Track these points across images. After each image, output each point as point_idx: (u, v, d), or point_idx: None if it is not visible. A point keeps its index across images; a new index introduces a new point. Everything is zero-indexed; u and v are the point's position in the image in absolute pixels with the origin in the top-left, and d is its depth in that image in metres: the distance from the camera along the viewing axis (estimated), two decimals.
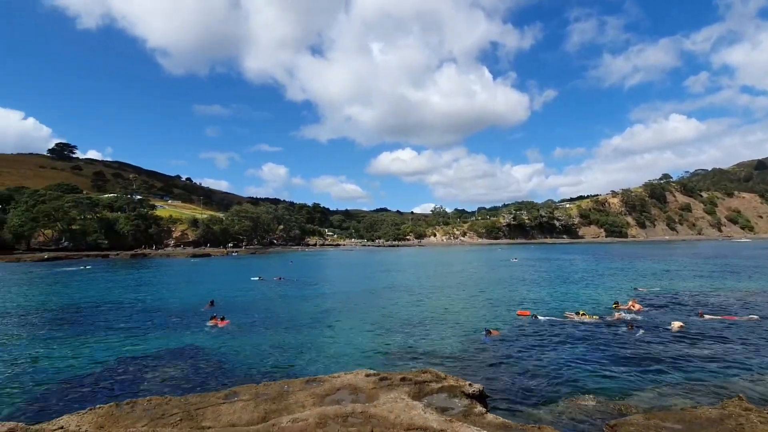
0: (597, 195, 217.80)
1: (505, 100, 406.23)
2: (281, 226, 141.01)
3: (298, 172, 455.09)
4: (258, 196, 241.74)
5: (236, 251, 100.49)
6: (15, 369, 13.03)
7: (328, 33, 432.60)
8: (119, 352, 14.92)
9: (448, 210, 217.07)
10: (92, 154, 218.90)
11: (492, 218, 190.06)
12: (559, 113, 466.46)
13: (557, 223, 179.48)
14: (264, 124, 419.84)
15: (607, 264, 53.82)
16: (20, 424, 5.83)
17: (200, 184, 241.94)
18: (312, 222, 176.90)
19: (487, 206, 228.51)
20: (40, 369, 13.06)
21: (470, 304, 24.57)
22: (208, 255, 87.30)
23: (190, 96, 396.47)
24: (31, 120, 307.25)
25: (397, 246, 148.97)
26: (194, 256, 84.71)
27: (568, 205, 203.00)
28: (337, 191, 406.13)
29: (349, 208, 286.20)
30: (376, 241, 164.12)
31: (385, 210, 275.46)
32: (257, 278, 39.31)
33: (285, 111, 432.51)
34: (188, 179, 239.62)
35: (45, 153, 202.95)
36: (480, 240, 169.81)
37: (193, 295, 28.73)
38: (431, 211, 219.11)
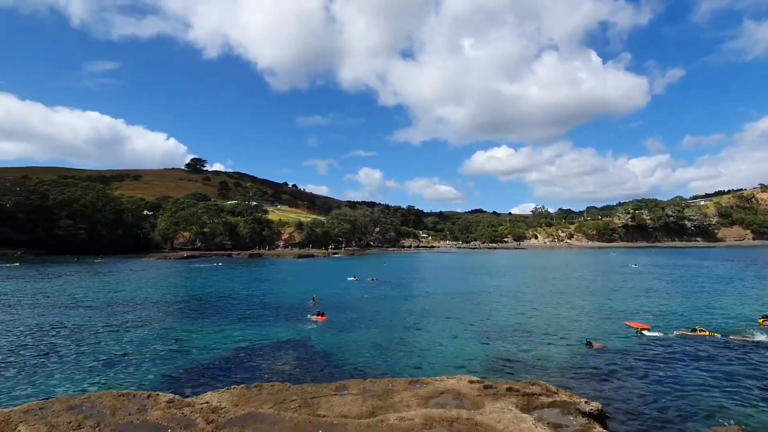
0: (741, 190, 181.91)
1: (617, 86, 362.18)
2: (377, 229, 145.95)
3: (392, 175, 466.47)
4: (355, 200, 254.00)
5: (337, 252, 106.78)
6: (164, 348, 15.57)
7: (419, 35, 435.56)
8: (243, 339, 16.89)
9: (551, 210, 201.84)
10: (217, 167, 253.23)
11: (604, 218, 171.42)
12: (688, 95, 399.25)
13: (689, 224, 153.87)
14: (359, 131, 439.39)
15: (756, 271, 44.71)
16: (176, 396, 6.95)
17: (304, 189, 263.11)
18: (406, 224, 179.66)
19: (598, 205, 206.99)
20: (183, 350, 15.39)
21: (576, 313, 22.54)
22: (312, 255, 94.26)
23: (293, 109, 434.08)
24: (172, 140, 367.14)
25: (494, 248, 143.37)
26: (300, 256, 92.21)
27: (702, 203, 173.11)
28: (431, 193, 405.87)
29: (443, 210, 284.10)
30: (472, 243, 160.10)
31: (480, 211, 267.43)
32: (352, 278, 41.22)
33: (378, 116, 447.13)
34: (294, 186, 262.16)
35: (183, 167, 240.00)
36: (590, 243, 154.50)
37: (299, 292, 31.26)
38: (531, 211, 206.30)
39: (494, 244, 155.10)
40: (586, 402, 7.48)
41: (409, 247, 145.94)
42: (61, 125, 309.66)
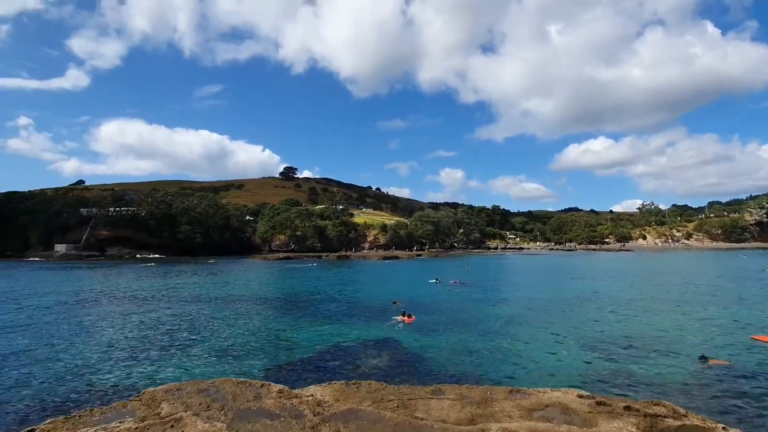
0: None
1: (741, 60, 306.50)
2: (461, 230, 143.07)
3: (474, 175, 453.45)
4: (437, 201, 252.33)
5: (420, 254, 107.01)
6: (266, 341, 16.95)
7: (499, 27, 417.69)
8: (334, 337, 17.70)
9: (662, 207, 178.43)
10: (306, 174, 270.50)
11: (732, 215, 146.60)
12: None
13: None
14: (439, 131, 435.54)
15: None
16: (285, 387, 7.48)
17: (387, 192, 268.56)
18: (492, 225, 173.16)
19: (722, 199, 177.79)
20: (283, 343, 16.59)
21: (697, 325, 19.51)
22: (396, 257, 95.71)
23: (374, 114, 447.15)
24: (267, 151, 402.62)
25: (594, 250, 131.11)
26: (384, 258, 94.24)
27: None
28: (517, 192, 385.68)
29: (531, 209, 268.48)
30: (566, 244, 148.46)
31: (575, 209, 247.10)
32: (434, 280, 40.80)
33: (458, 115, 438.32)
34: (377, 189, 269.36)
35: (277, 176, 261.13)
36: (714, 243, 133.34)
37: (384, 293, 31.87)
38: (638, 208, 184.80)
39: (593, 246, 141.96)
40: (724, 428, 6.39)
41: (495, 248, 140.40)
42: (180, 144, 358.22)
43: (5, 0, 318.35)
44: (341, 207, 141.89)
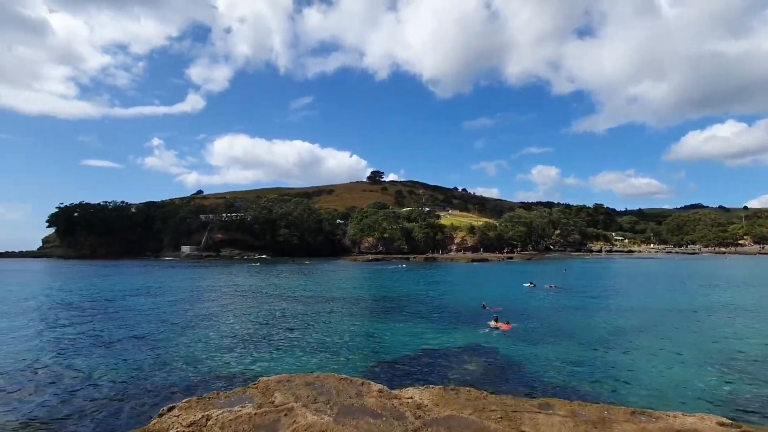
0: None
1: None
2: (557, 231, 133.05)
3: (571, 171, 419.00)
4: (529, 201, 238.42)
5: (511, 257, 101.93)
6: (359, 340, 17.47)
7: (598, 7, 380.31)
8: (426, 339, 17.57)
9: None
10: (392, 177, 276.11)
11: None
12: None
13: None
14: (530, 127, 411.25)
15: None
16: (385, 387, 7.58)
17: (474, 193, 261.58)
18: (594, 225, 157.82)
19: None
20: (375, 343, 16.96)
21: None
22: (486, 260, 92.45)
23: (459, 114, 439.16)
24: (354, 157, 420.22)
25: (725, 253, 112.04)
26: (473, 260, 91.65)
27: None
28: (623, 188, 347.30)
29: (642, 207, 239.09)
30: (689, 246, 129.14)
31: (698, 206, 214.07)
32: (528, 285, 38.29)
33: (551, 108, 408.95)
34: (464, 190, 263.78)
35: (365, 180, 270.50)
36: None
37: (474, 297, 30.85)
38: None
39: (724, 248, 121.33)
40: None
41: (599, 251, 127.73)
42: (278, 154, 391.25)
43: (140, 41, 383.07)
44: (427, 209, 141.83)
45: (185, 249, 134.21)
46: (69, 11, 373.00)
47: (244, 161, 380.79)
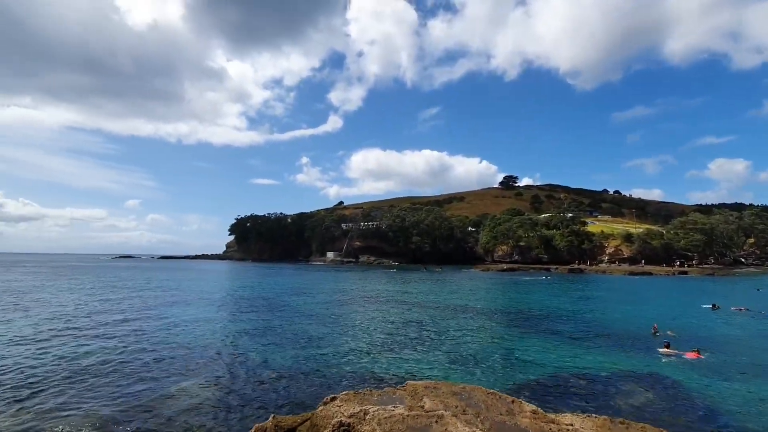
0: None
1: None
2: (751, 240, 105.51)
3: (765, 165, 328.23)
4: (706, 203, 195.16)
5: (684, 271, 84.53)
6: (498, 355, 16.49)
7: None
8: (576, 361, 15.61)
9: None
10: (526, 181, 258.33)
11: None
12: None
13: None
14: (702, 112, 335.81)
15: None
16: (539, 408, 6.95)
17: (629, 195, 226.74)
18: None
19: None
20: (517, 361, 15.78)
21: None
22: (648, 273, 78.70)
23: (605, 106, 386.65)
24: (484, 162, 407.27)
25: None
26: (631, 273, 79.03)
27: None
28: None
29: None
30: None
31: None
32: (710, 306, 30.82)
33: (731, 87, 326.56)
34: (616, 192, 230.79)
35: (497, 186, 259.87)
36: None
37: (635, 317, 26.34)
38: None
39: None
40: None
41: None
42: (408, 164, 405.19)
43: (291, 74, 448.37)
44: (570, 215, 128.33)
45: (330, 255, 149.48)
46: (239, 58, 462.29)
47: (377, 173, 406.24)
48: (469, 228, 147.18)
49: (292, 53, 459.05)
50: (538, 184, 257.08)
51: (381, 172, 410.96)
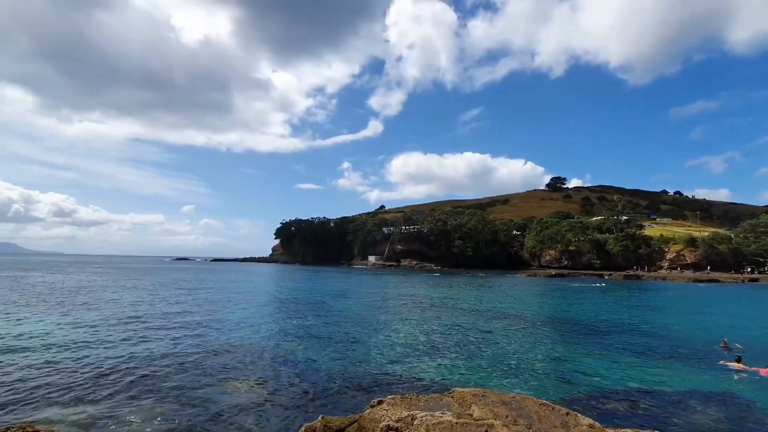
0: None
1: None
2: None
3: None
4: None
5: (756, 278, 76.74)
6: (546, 364, 15.70)
7: None
8: (637, 375, 14.54)
9: None
10: (575, 183, 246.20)
11: None
12: None
13: None
14: None
15: None
16: (596, 423, 6.53)
17: (692, 196, 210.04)
18: None
19: None
20: (566, 371, 14.95)
21: None
22: (716, 281, 72.29)
23: (662, 102, 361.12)
24: (529, 164, 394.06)
25: None
26: (696, 281, 72.92)
27: None
28: None
29: None
30: None
31: None
32: None
33: None
34: (677, 193, 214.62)
35: (543, 188, 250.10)
36: None
37: (701, 328, 24.20)
38: None
39: None
40: None
41: None
42: (448, 167, 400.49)
43: (332, 82, 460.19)
44: (625, 217, 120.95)
45: (371, 258, 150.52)
46: (284, 68, 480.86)
47: (417, 176, 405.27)
48: (514, 232, 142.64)
49: (333, 61, 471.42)
50: (589, 185, 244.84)
51: (422, 176, 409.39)
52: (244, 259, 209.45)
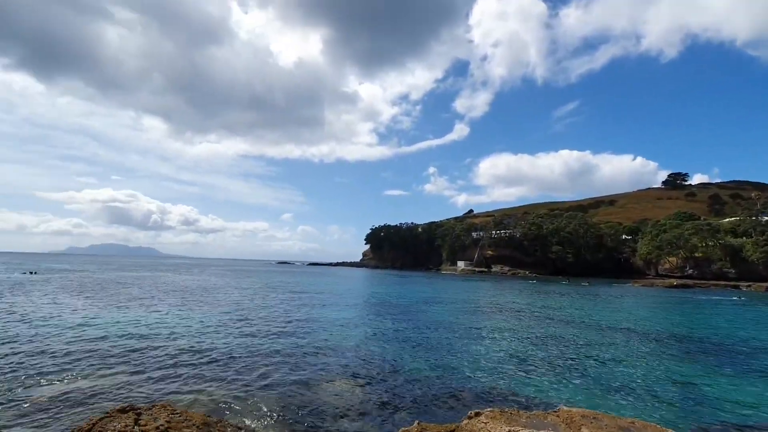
0: None
1: None
2: None
3: None
4: None
5: None
6: (666, 388, 13.56)
7: None
8: None
9: None
10: (699, 179, 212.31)
11: None
12: None
13: None
14: None
15: None
16: None
17: None
18: None
19: None
20: (693, 396, 12.77)
21: None
22: None
23: None
24: (638, 159, 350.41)
25: None
26: None
27: None
28: None
29: None
30: None
31: None
32: None
33: None
34: None
35: (658, 186, 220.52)
36: None
37: None
38: None
39: None
40: None
41: None
42: (542, 167, 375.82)
43: (416, 89, 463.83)
44: (767, 218, 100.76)
45: (460, 264, 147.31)
46: (369, 80, 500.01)
47: (507, 179, 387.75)
48: (623, 236, 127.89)
49: (416, 68, 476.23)
50: (718, 181, 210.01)
51: (512, 178, 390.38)
52: (337, 264, 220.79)
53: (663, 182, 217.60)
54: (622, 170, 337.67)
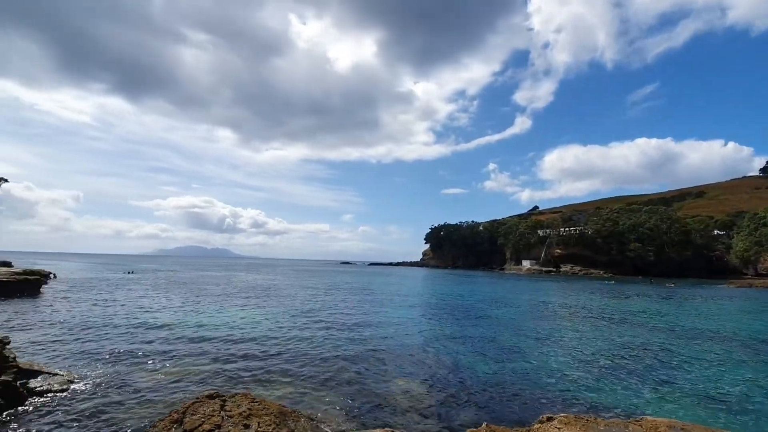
0: None
1: None
2: None
3: None
4: None
5: None
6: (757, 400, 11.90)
7: None
8: None
9: None
10: None
11: None
12: None
13: None
14: None
15: None
16: None
17: None
18: None
19: None
20: None
21: None
22: None
23: None
24: (730, 144, 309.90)
25: None
26: None
27: None
28: None
29: None
30: None
31: None
32: None
33: None
34: None
35: (756, 174, 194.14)
36: None
37: None
38: None
39: None
40: None
41: None
42: (615, 158, 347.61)
43: (472, 84, 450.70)
44: None
45: (526, 263, 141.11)
46: (424, 78, 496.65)
47: (576, 172, 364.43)
48: (715, 231, 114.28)
49: (472, 63, 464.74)
50: None
51: (581, 171, 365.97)
52: (397, 264, 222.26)
53: (761, 170, 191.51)
54: (710, 158, 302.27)
